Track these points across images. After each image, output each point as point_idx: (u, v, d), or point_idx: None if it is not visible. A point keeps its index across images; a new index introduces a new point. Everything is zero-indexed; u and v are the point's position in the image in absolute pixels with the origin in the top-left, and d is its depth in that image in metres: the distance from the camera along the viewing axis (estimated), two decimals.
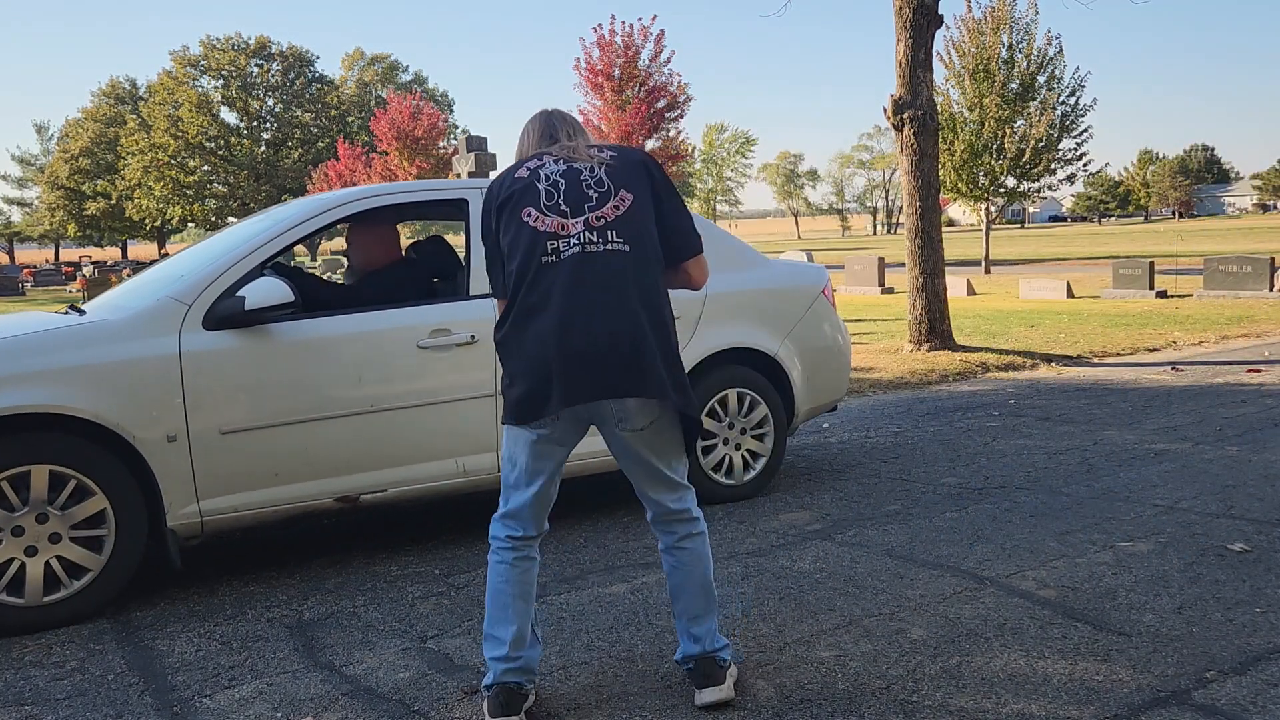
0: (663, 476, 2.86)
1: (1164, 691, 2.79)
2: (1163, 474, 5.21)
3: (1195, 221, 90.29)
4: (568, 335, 2.64)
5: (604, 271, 2.68)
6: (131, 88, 68.89)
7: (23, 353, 3.67)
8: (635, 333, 2.66)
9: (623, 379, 2.66)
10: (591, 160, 2.81)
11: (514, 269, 2.72)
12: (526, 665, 2.78)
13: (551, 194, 2.75)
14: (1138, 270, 17.07)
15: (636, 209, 2.76)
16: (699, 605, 2.86)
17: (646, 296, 2.71)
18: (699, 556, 2.89)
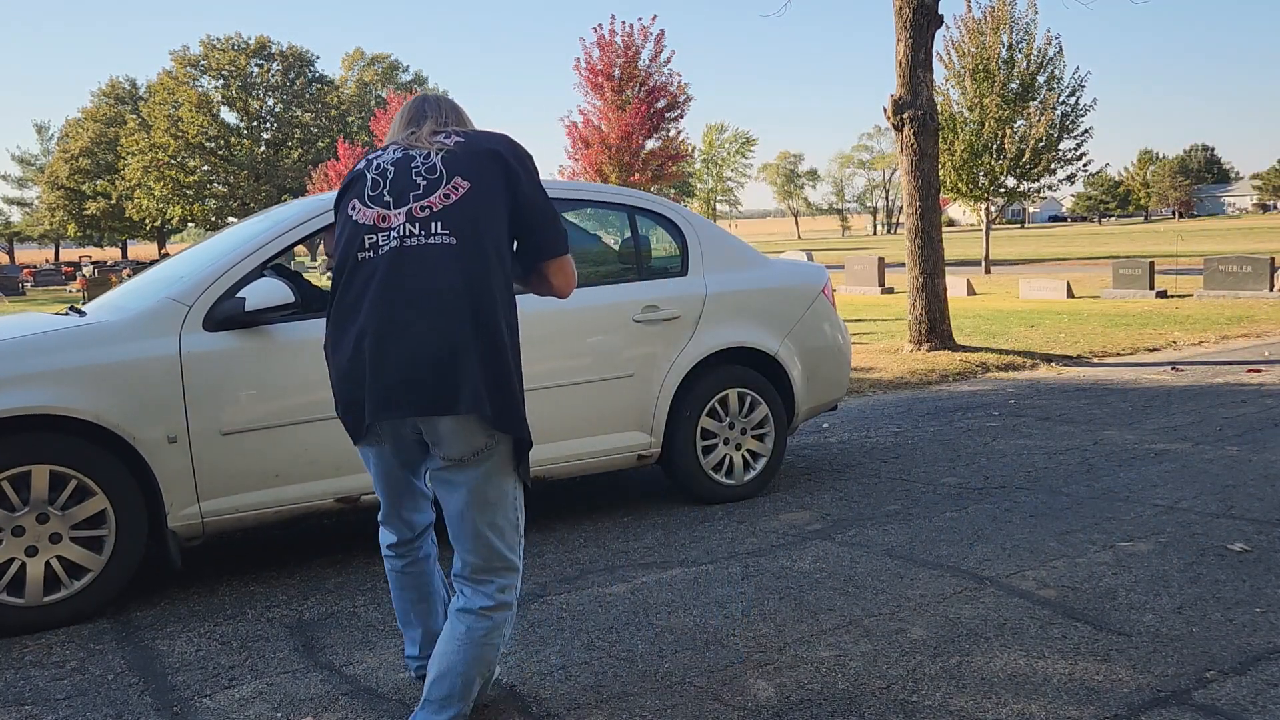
0: (475, 531, 2.44)
1: (1164, 691, 2.79)
2: (1163, 474, 5.21)
3: (1195, 221, 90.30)
4: (379, 343, 2.32)
5: (421, 268, 2.34)
6: (131, 88, 68.89)
7: (24, 354, 3.67)
8: (450, 340, 2.31)
9: (430, 394, 2.31)
10: (430, 146, 2.49)
11: (335, 266, 2.47)
12: None
13: (378, 184, 2.47)
14: (1138, 270, 17.07)
15: (472, 199, 2.41)
16: (440, 690, 2.43)
17: (472, 297, 2.34)
18: (472, 643, 2.44)
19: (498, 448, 2.41)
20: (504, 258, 2.44)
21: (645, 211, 5.05)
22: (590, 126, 32.57)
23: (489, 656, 2.47)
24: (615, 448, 4.71)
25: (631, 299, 4.78)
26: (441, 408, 2.32)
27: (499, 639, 2.49)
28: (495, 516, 2.46)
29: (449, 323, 2.32)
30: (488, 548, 2.46)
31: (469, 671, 2.44)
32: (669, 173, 33.85)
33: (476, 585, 2.48)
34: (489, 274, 2.38)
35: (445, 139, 2.51)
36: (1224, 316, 13.04)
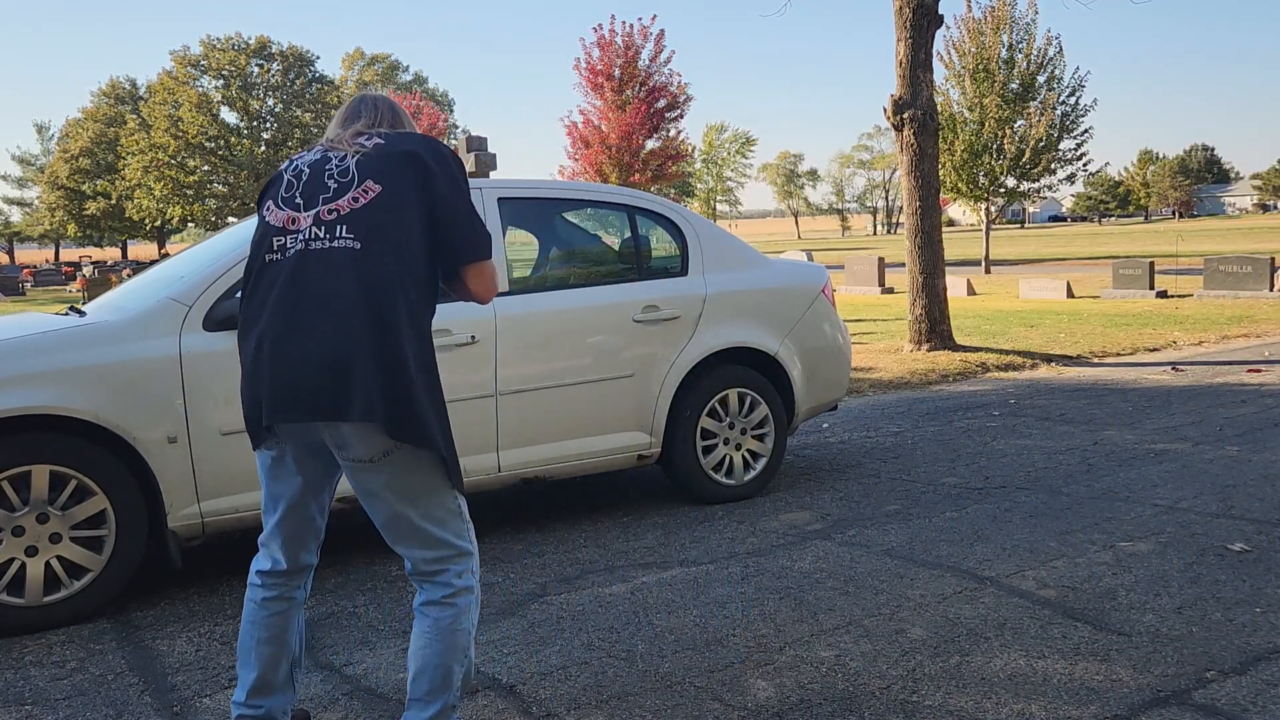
0: (407, 524, 2.38)
1: (1164, 691, 2.79)
2: (1163, 474, 5.21)
3: (1195, 221, 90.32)
4: (277, 346, 2.29)
5: (323, 272, 2.30)
6: (131, 88, 68.91)
7: (24, 354, 3.67)
8: (346, 344, 2.26)
9: (324, 398, 2.26)
10: (349, 149, 2.44)
11: (245, 266, 2.47)
12: (268, 715, 2.52)
13: (292, 185, 2.44)
14: (1138, 270, 17.07)
15: (383, 202, 2.35)
16: (422, 687, 2.39)
17: (372, 302, 2.28)
18: (442, 633, 2.39)
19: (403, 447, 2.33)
20: (415, 263, 2.37)
21: (645, 211, 5.05)
22: (590, 126, 32.59)
23: (461, 643, 2.42)
24: (615, 448, 4.72)
25: (631, 299, 4.78)
26: (335, 413, 2.27)
27: (467, 623, 2.43)
28: (428, 506, 2.38)
29: (346, 327, 2.27)
30: (430, 539, 2.40)
31: (445, 662, 2.40)
32: (669, 173, 33.87)
33: (430, 578, 2.43)
34: (393, 279, 2.32)
35: (365, 141, 2.46)
36: (1224, 316, 13.04)
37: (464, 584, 2.43)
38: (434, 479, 2.38)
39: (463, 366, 4.32)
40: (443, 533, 2.40)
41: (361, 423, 2.27)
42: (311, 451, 2.44)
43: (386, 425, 2.26)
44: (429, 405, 2.33)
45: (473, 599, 2.45)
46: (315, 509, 2.54)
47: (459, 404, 4.30)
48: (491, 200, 4.59)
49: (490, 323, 4.39)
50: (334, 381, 2.26)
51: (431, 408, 2.34)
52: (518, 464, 4.48)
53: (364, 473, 2.34)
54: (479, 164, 14.48)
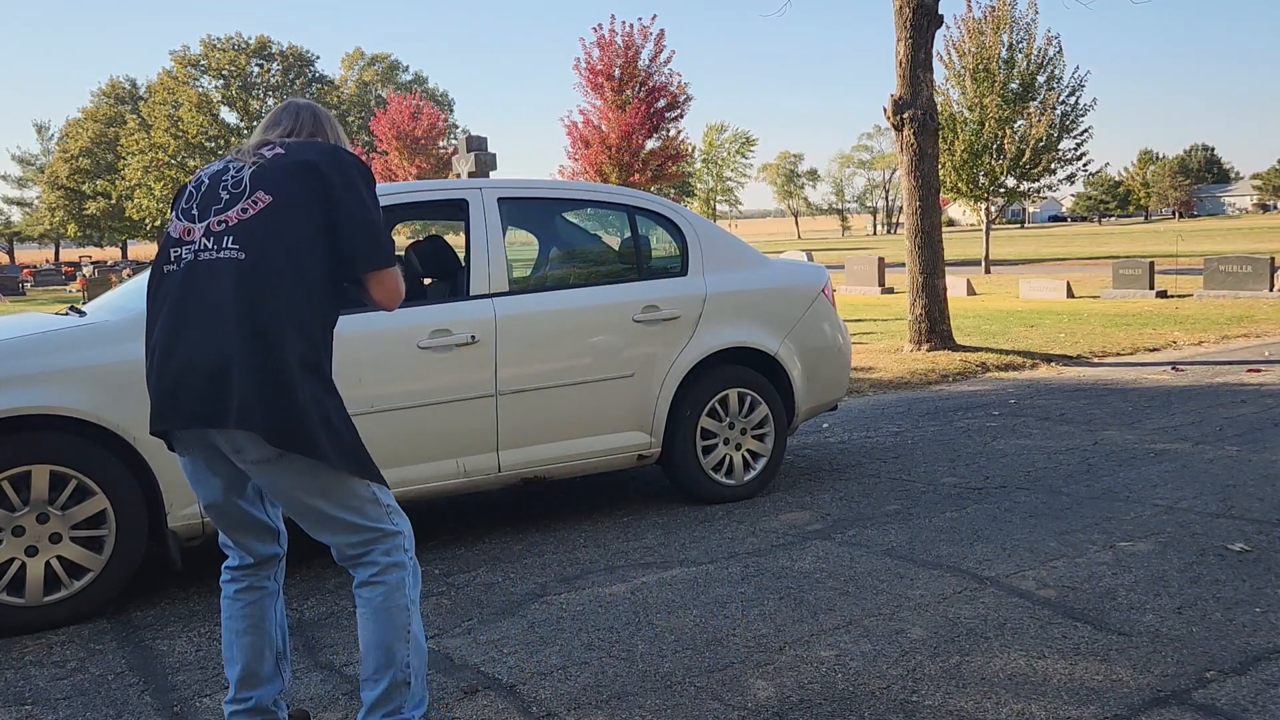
0: (328, 516, 2.40)
1: (1164, 691, 2.79)
2: (1163, 474, 5.21)
3: (1195, 221, 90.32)
4: (164, 353, 2.35)
5: (207, 282, 2.34)
6: (131, 88, 68.90)
7: (24, 354, 3.67)
8: (222, 353, 2.29)
9: (201, 406, 2.30)
10: (247, 159, 2.47)
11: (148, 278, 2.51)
12: (259, 705, 2.56)
13: (191, 196, 2.49)
14: (1138, 270, 17.07)
15: (272, 213, 2.37)
16: (369, 667, 2.44)
17: (251, 312, 2.30)
18: (377, 610, 2.42)
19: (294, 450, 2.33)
20: (306, 273, 2.37)
21: (645, 211, 5.05)
22: (590, 126, 32.57)
23: (399, 620, 2.43)
24: (615, 448, 4.72)
25: (631, 299, 4.78)
26: (213, 420, 2.30)
27: (402, 599, 2.44)
28: (342, 498, 2.40)
29: (223, 335, 2.30)
30: (350, 526, 2.42)
31: (386, 638, 2.42)
32: (669, 173, 33.85)
33: (358, 560, 2.46)
34: (277, 289, 2.33)
35: (267, 151, 2.47)
36: (1224, 316, 13.04)
37: (391, 560, 2.44)
38: (338, 474, 2.37)
39: (463, 366, 4.32)
40: (360, 519, 2.42)
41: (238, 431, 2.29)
42: (215, 455, 2.46)
43: (265, 434, 2.27)
44: (314, 412, 2.33)
45: (404, 574, 2.46)
46: (245, 504, 2.55)
47: (459, 404, 4.30)
48: (491, 200, 4.59)
49: (490, 323, 4.39)
50: (212, 389, 2.29)
51: (317, 413, 2.33)
52: (518, 464, 4.48)
53: (264, 474, 2.36)
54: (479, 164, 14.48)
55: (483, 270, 4.48)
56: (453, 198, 4.63)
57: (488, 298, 4.43)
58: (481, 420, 4.37)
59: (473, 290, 4.44)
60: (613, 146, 31.95)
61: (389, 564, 2.44)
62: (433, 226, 38.82)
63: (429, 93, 71.21)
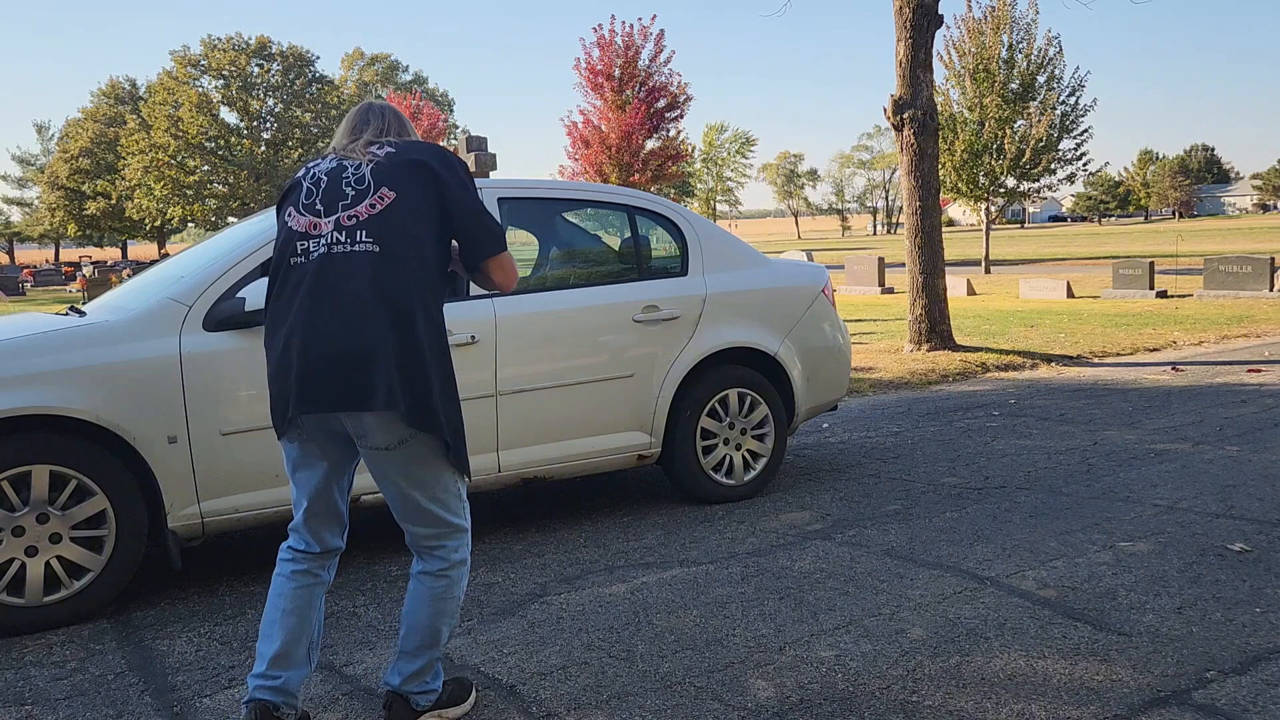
0: (416, 506, 2.62)
1: (1164, 691, 2.79)
2: (1163, 474, 5.21)
3: (1195, 221, 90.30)
4: (303, 343, 2.48)
5: (344, 273, 2.50)
6: (131, 88, 68.88)
7: (24, 354, 3.67)
8: (366, 341, 2.46)
9: (348, 391, 2.46)
10: (362, 157, 2.63)
11: (270, 269, 2.64)
12: (285, 686, 2.62)
13: (311, 192, 2.62)
14: (1138, 270, 17.07)
15: (398, 208, 2.55)
16: (414, 643, 2.67)
17: (390, 301, 2.49)
18: (434, 598, 2.66)
19: (420, 434, 2.54)
20: (428, 264, 2.58)
21: (645, 211, 5.05)
22: (590, 126, 32.58)
23: (450, 609, 2.69)
24: (615, 448, 4.72)
25: (631, 299, 4.78)
26: (359, 403, 2.47)
27: (458, 591, 2.71)
28: (435, 490, 2.62)
29: (367, 324, 2.47)
30: (433, 519, 2.65)
31: (435, 623, 2.67)
32: (669, 173, 33.85)
33: (430, 550, 2.68)
34: (409, 279, 2.52)
35: (378, 150, 2.64)
36: (1224, 316, 13.04)
37: (458, 558, 2.70)
38: (440, 465, 2.60)
39: (463, 366, 4.32)
40: (444, 512, 2.65)
41: (383, 412, 2.47)
42: (333, 440, 2.62)
43: (406, 414, 2.46)
44: (441, 395, 2.54)
45: (464, 571, 2.72)
46: (337, 494, 2.70)
47: None
48: (492, 200, 4.59)
49: (490, 323, 4.39)
50: (358, 375, 2.46)
51: (444, 397, 2.55)
52: (518, 464, 4.48)
53: (380, 459, 2.56)
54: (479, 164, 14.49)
55: None
56: None
57: (487, 298, 4.43)
58: (481, 420, 4.37)
59: (472, 290, 4.44)
60: (613, 146, 31.95)
61: (457, 561, 2.69)
62: None
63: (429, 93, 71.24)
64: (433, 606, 2.66)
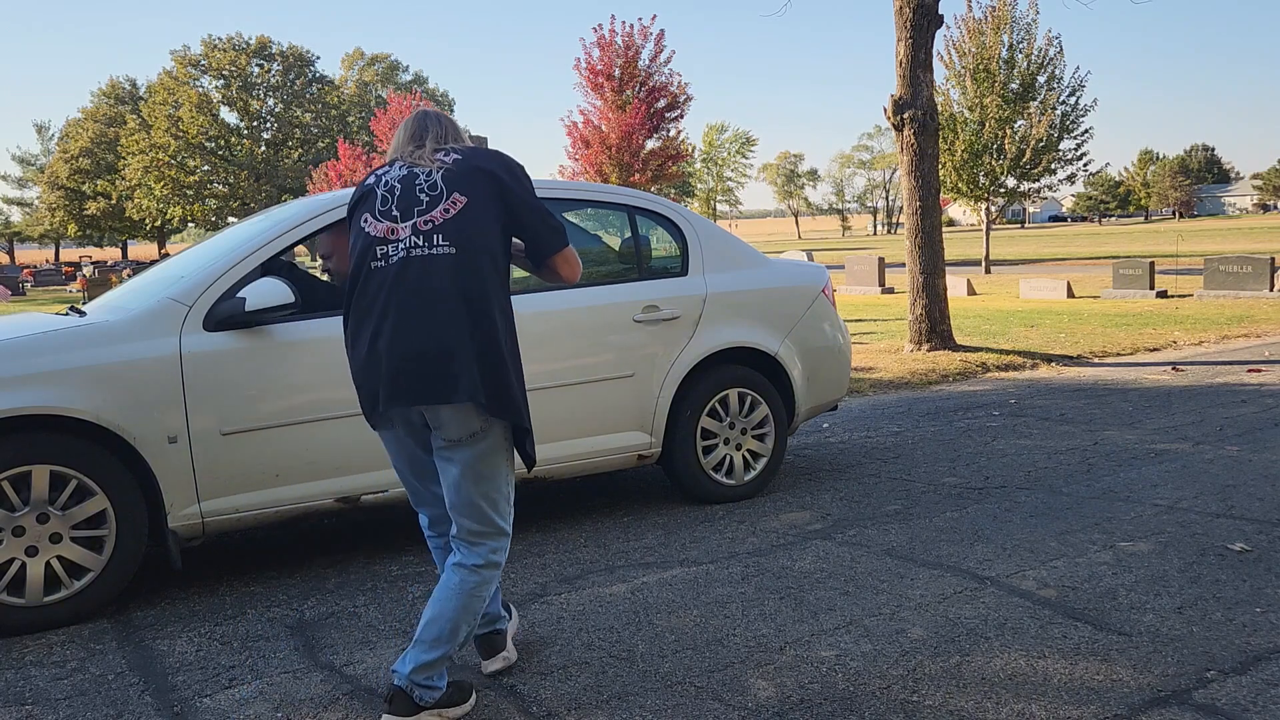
0: (465, 498, 2.76)
1: (1164, 691, 2.79)
2: (1163, 474, 5.21)
3: (1195, 221, 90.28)
4: (390, 341, 2.66)
5: (425, 275, 2.67)
6: (131, 88, 68.85)
7: (24, 354, 3.67)
8: (449, 338, 2.64)
9: (432, 385, 2.64)
10: (431, 164, 2.80)
11: (350, 272, 2.80)
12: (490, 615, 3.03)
13: (386, 199, 2.79)
14: (1138, 270, 17.07)
15: (470, 212, 2.73)
16: (432, 633, 2.74)
17: (468, 300, 2.67)
18: (462, 591, 2.76)
19: (492, 430, 2.75)
20: (499, 263, 2.77)
21: (645, 211, 5.05)
22: (590, 126, 32.55)
23: (476, 607, 2.79)
24: (615, 448, 4.71)
25: (631, 299, 4.77)
26: (443, 397, 2.64)
27: (486, 592, 2.82)
28: (488, 489, 2.78)
29: (449, 322, 2.64)
30: (481, 515, 2.79)
31: (457, 619, 2.76)
32: (669, 173, 33.82)
33: (471, 546, 2.80)
34: (484, 279, 2.71)
35: (445, 157, 2.81)
36: (1224, 316, 13.04)
37: (495, 560, 2.82)
38: (499, 464, 2.79)
39: None
40: (493, 513, 2.81)
41: (462, 404, 2.67)
42: (417, 427, 2.83)
43: (486, 403, 2.65)
44: (517, 385, 2.75)
45: (497, 574, 2.85)
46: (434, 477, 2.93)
47: None
48: None
49: None
50: (440, 370, 2.64)
51: (519, 387, 2.76)
52: (518, 464, 4.48)
53: (450, 451, 2.75)
54: None
55: None
56: None
57: None
58: None
59: None
60: (613, 146, 31.93)
61: (492, 562, 2.82)
62: None
63: (429, 93, 71.23)
64: (461, 600, 2.76)
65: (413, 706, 2.73)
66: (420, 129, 2.90)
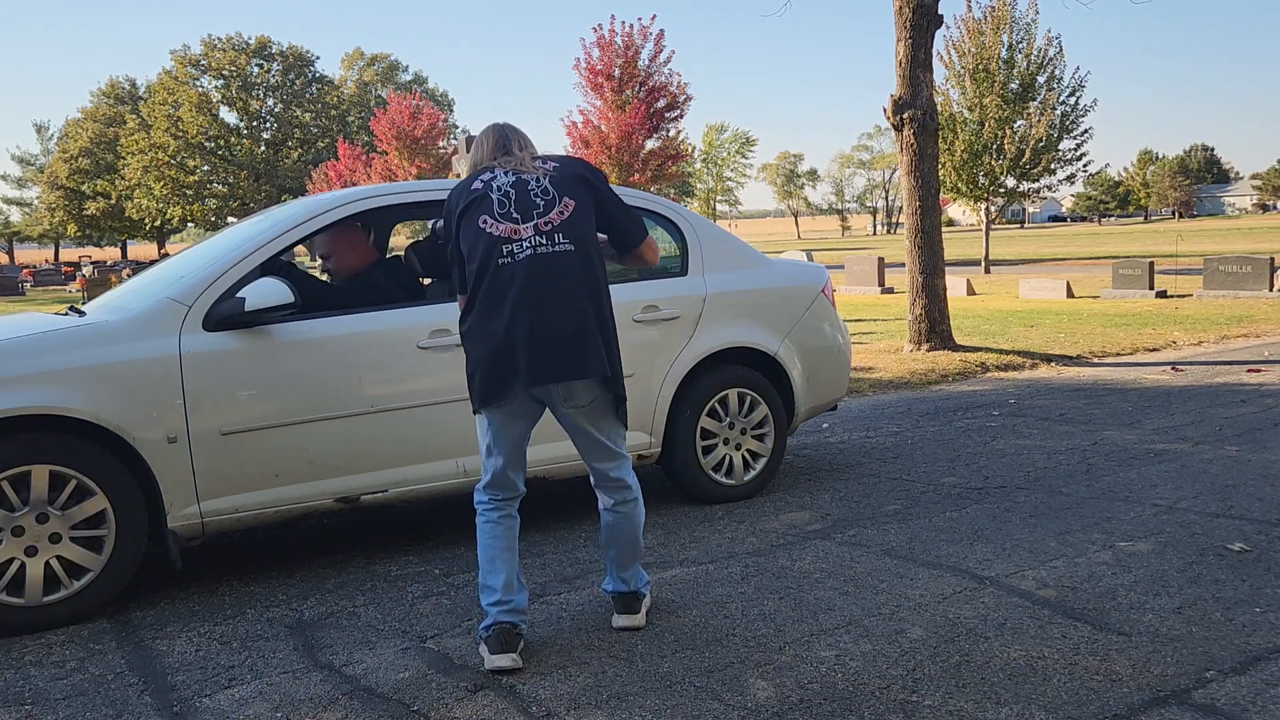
0: (602, 446, 3.30)
1: (1164, 691, 2.79)
2: (1162, 474, 5.21)
3: (1195, 221, 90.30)
4: (530, 327, 3.03)
5: (555, 269, 3.08)
6: (131, 88, 68.85)
7: (23, 354, 3.67)
8: (584, 323, 3.08)
9: (575, 364, 3.07)
10: (537, 172, 3.21)
11: (474, 269, 3.13)
12: (517, 607, 3.21)
13: (504, 203, 3.15)
14: (1137, 270, 17.07)
15: (578, 214, 3.17)
16: (627, 556, 3.40)
17: (591, 289, 3.13)
18: (630, 518, 3.37)
19: (605, 393, 3.23)
20: (600, 256, 3.24)
21: (645, 211, 5.04)
22: (590, 126, 32.56)
23: (640, 522, 3.40)
24: None
25: (631, 299, 4.77)
26: (582, 373, 3.09)
27: (642, 509, 3.41)
28: (611, 432, 3.31)
29: (580, 309, 3.09)
30: (611, 452, 3.32)
31: (636, 535, 3.38)
32: (669, 173, 33.84)
33: (614, 483, 3.35)
34: (596, 270, 3.17)
35: (544, 164, 3.25)
36: (1224, 316, 13.04)
37: (633, 485, 3.38)
38: (611, 413, 3.28)
39: (463, 366, 4.31)
40: (616, 446, 3.33)
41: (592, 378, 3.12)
42: (533, 405, 3.23)
43: (610, 376, 3.15)
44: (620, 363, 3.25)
45: (640, 497, 3.41)
46: (525, 445, 3.29)
47: (459, 404, 4.30)
48: None
49: None
50: (580, 350, 3.08)
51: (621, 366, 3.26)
52: None
53: (579, 415, 3.23)
54: None
55: None
56: None
57: None
58: None
59: None
60: (612, 146, 31.94)
61: (635, 488, 3.38)
62: None
63: (429, 93, 71.21)
64: (632, 524, 3.36)
65: (638, 600, 3.40)
66: (503, 139, 3.31)
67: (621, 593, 3.42)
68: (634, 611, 3.39)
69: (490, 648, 3.11)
